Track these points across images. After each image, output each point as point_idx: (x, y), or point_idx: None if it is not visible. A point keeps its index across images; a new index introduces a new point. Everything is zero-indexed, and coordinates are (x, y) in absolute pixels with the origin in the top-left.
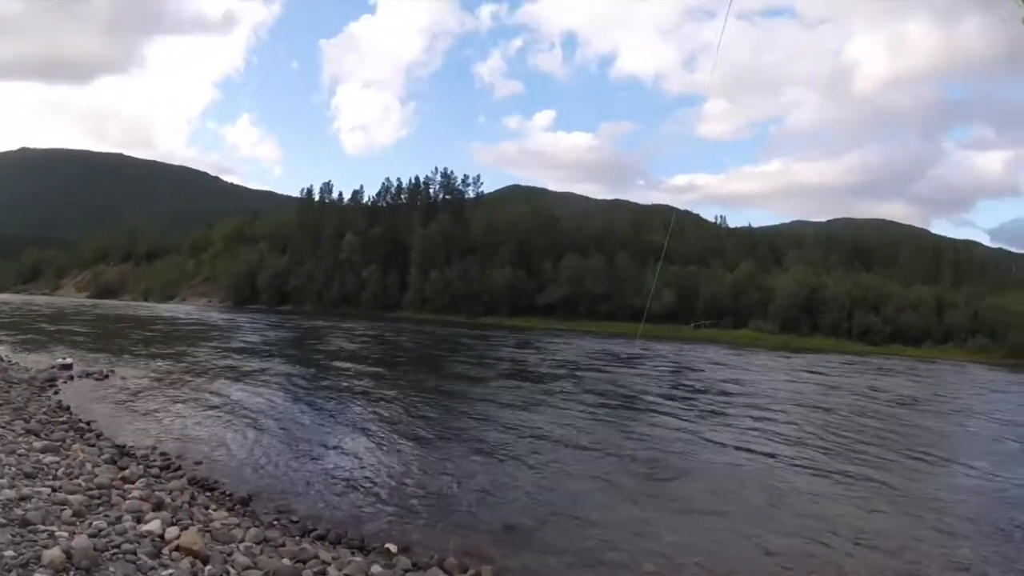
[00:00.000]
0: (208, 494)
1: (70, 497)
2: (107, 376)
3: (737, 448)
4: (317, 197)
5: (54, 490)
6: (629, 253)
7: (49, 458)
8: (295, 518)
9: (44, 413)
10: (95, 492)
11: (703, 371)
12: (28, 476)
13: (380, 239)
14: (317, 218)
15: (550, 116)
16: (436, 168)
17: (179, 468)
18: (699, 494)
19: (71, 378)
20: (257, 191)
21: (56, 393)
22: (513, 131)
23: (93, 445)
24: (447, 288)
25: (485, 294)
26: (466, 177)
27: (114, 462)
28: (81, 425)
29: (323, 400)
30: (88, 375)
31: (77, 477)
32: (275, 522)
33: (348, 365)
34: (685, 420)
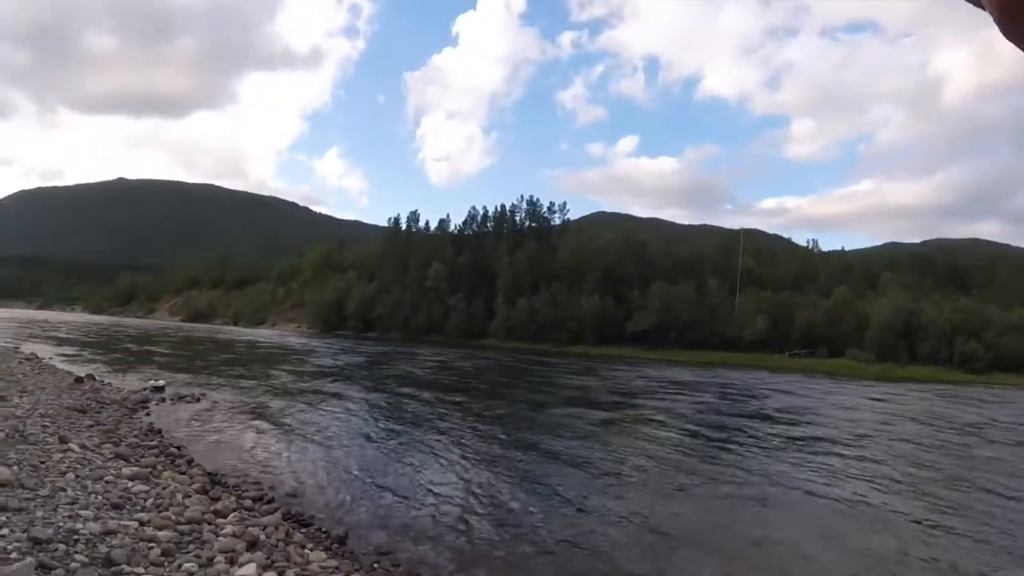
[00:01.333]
0: (304, 531)
1: (159, 533)
2: (199, 399)
3: (827, 491)
4: (404, 226)
5: (142, 524)
6: (719, 279)
7: (138, 487)
8: (396, 561)
9: (135, 436)
10: (186, 527)
11: (799, 403)
12: (115, 507)
13: (466, 267)
14: (404, 247)
15: (633, 141)
16: (521, 196)
17: (272, 500)
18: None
19: (163, 400)
20: (344, 220)
21: (148, 415)
22: (596, 157)
23: (184, 472)
24: (533, 316)
25: (572, 322)
26: (552, 204)
27: (205, 492)
28: (172, 450)
29: (413, 430)
30: (180, 398)
31: (167, 509)
32: (375, 565)
33: (438, 395)
34: (776, 459)
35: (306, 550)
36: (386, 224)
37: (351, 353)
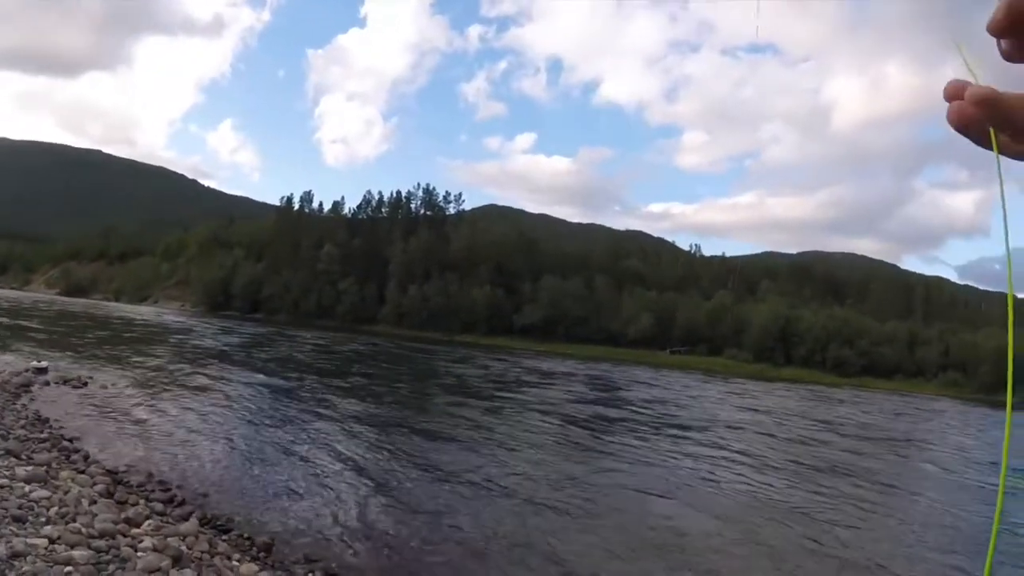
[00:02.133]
0: (225, 539)
1: (74, 553)
2: (85, 383)
3: (693, 475)
4: (297, 206)
5: (52, 541)
6: (607, 277)
7: (38, 492)
8: (329, 570)
9: (23, 427)
10: (100, 543)
11: (674, 398)
12: (16, 520)
13: (359, 252)
14: (296, 227)
15: (531, 139)
16: (418, 184)
17: (183, 502)
18: (645, 521)
19: (47, 384)
20: (234, 196)
21: (32, 401)
22: (493, 152)
23: (83, 472)
24: (425, 304)
25: (463, 312)
26: (448, 194)
27: (111, 495)
28: (65, 444)
29: (304, 417)
30: (65, 381)
31: (74, 519)
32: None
33: (328, 381)
34: (648, 447)
35: (234, 562)
36: (278, 203)
37: (238, 335)
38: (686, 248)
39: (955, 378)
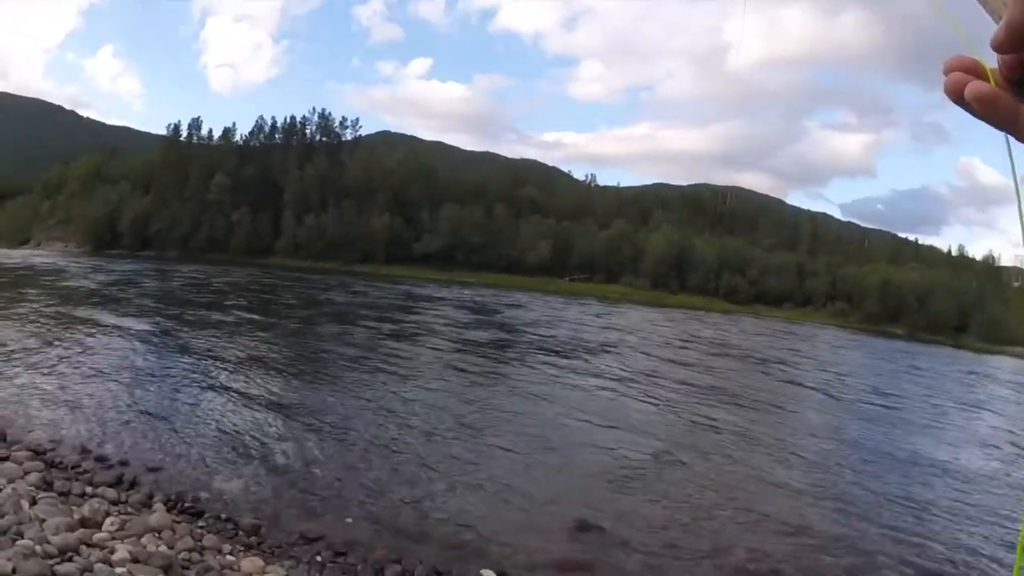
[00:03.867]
0: (202, 525)
1: None
2: None
3: (591, 397)
4: (184, 134)
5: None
6: (505, 205)
7: None
8: (332, 546)
9: None
10: (69, 568)
11: (574, 323)
12: None
13: (252, 180)
14: (184, 157)
15: (426, 64)
16: (313, 108)
17: (135, 482)
18: (525, 443)
19: None
20: (115, 127)
21: None
22: (387, 76)
23: (6, 458)
24: (322, 234)
25: (361, 241)
26: (344, 119)
27: (49, 485)
28: None
29: (211, 361)
30: None
31: (20, 534)
32: (317, 557)
33: (226, 317)
34: (545, 373)
35: (229, 556)
36: (163, 132)
37: (124, 274)
38: (581, 178)
39: (842, 308)
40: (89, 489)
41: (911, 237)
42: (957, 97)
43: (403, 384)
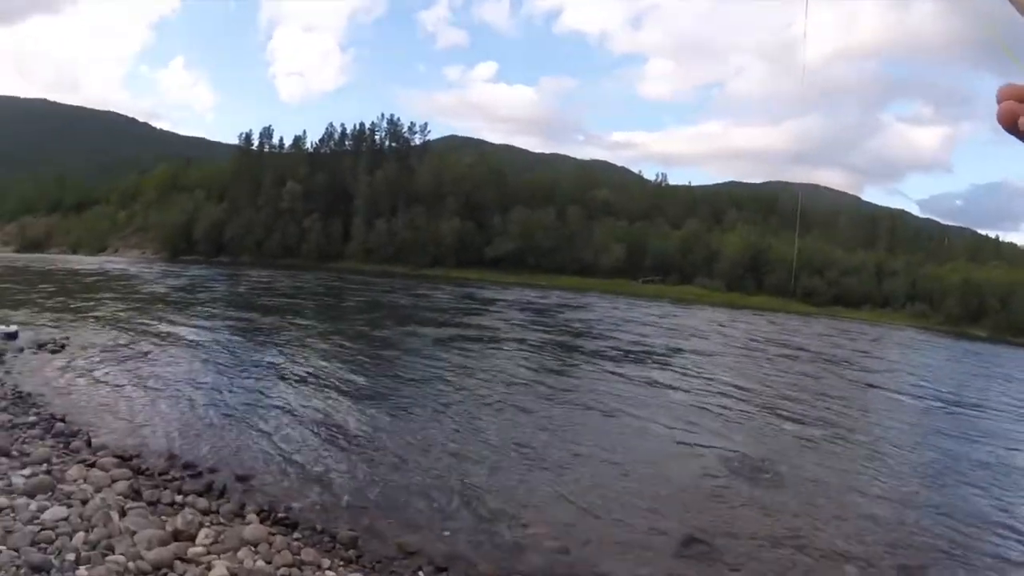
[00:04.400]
0: (298, 536)
1: None
2: (63, 347)
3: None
4: (256, 143)
5: None
6: (577, 207)
7: (51, 511)
8: (432, 560)
9: (4, 410)
10: None
11: (649, 325)
12: (37, 571)
13: (323, 187)
14: (256, 165)
15: (492, 68)
16: (382, 114)
17: (225, 490)
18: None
19: (20, 351)
20: (188, 137)
21: (7, 374)
22: (453, 81)
23: (93, 464)
24: (392, 238)
25: (432, 245)
26: (412, 125)
27: (138, 494)
28: (59, 426)
29: (291, 365)
30: (40, 346)
31: (111, 548)
32: (419, 573)
33: (305, 322)
34: (620, 376)
35: (330, 572)
36: (234, 141)
37: (205, 280)
38: (651, 178)
39: (922, 309)
40: (179, 498)
41: (991, 234)
42: (1009, 126)
43: (485, 389)
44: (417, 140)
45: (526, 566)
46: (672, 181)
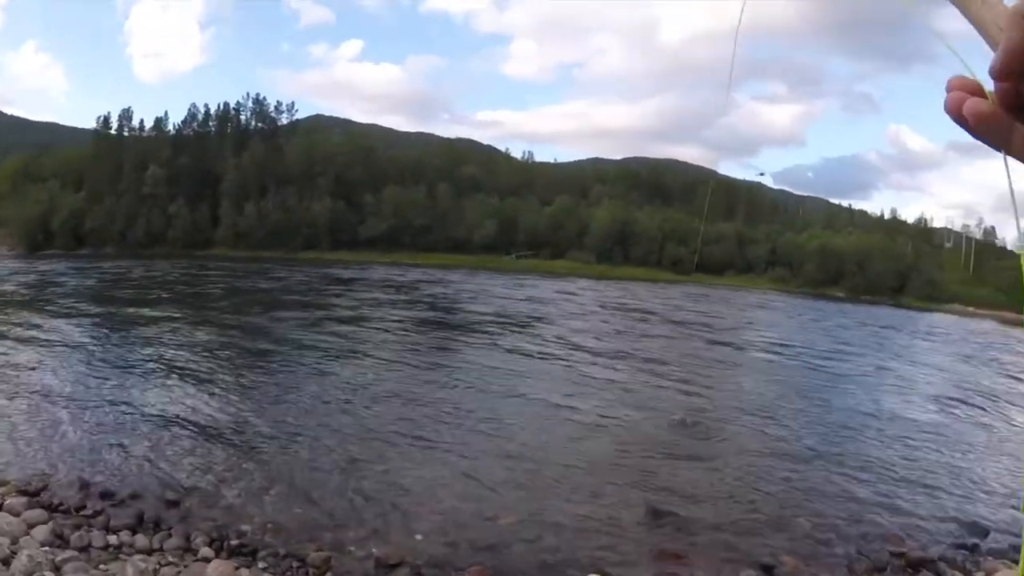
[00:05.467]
0: (264, 567)
1: None
2: None
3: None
4: (115, 126)
5: None
6: (447, 184)
7: None
8: (425, 572)
9: None
10: None
11: (528, 298)
12: None
13: (187, 171)
14: (115, 149)
15: (358, 46)
16: (247, 93)
17: (159, 521)
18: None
19: None
20: (41, 123)
21: None
22: (318, 60)
23: None
24: (263, 222)
25: (305, 227)
26: (279, 104)
27: (63, 539)
28: None
29: (165, 367)
30: None
31: None
32: None
33: (170, 314)
34: (502, 348)
35: None
36: (92, 126)
37: (60, 275)
38: (518, 156)
39: (783, 274)
40: (112, 539)
41: (844, 203)
42: (956, 114)
43: (378, 373)
44: (284, 120)
45: (516, 560)
46: (538, 158)
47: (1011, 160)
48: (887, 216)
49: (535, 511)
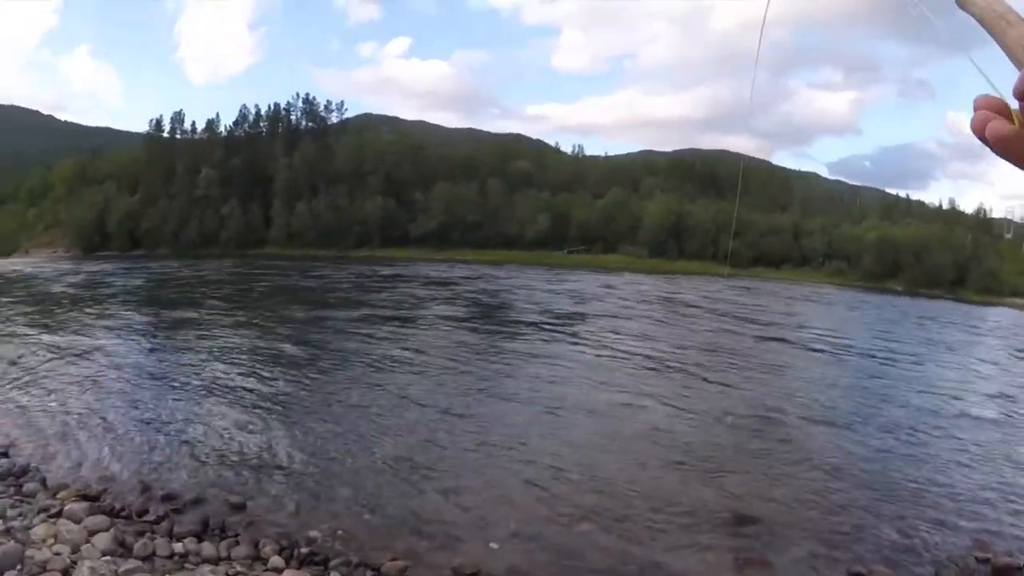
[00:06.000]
0: None
1: None
2: None
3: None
4: (168, 129)
5: None
6: (498, 180)
7: None
8: None
9: None
10: None
11: (580, 294)
12: None
13: (240, 172)
14: (168, 152)
15: (405, 43)
16: (297, 93)
17: (224, 527)
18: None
19: None
20: (95, 128)
21: None
22: (366, 58)
23: (59, 514)
24: (315, 221)
25: (356, 226)
26: (329, 103)
27: (126, 547)
28: (3, 463)
29: (228, 369)
30: None
31: None
32: None
33: (234, 314)
34: (550, 344)
35: None
36: (144, 129)
37: (118, 276)
38: (568, 149)
39: (840, 267)
40: (177, 546)
41: (901, 193)
42: (980, 134)
43: (452, 376)
44: (334, 119)
45: (596, 567)
46: (588, 152)
47: None
48: (945, 206)
49: (610, 517)
